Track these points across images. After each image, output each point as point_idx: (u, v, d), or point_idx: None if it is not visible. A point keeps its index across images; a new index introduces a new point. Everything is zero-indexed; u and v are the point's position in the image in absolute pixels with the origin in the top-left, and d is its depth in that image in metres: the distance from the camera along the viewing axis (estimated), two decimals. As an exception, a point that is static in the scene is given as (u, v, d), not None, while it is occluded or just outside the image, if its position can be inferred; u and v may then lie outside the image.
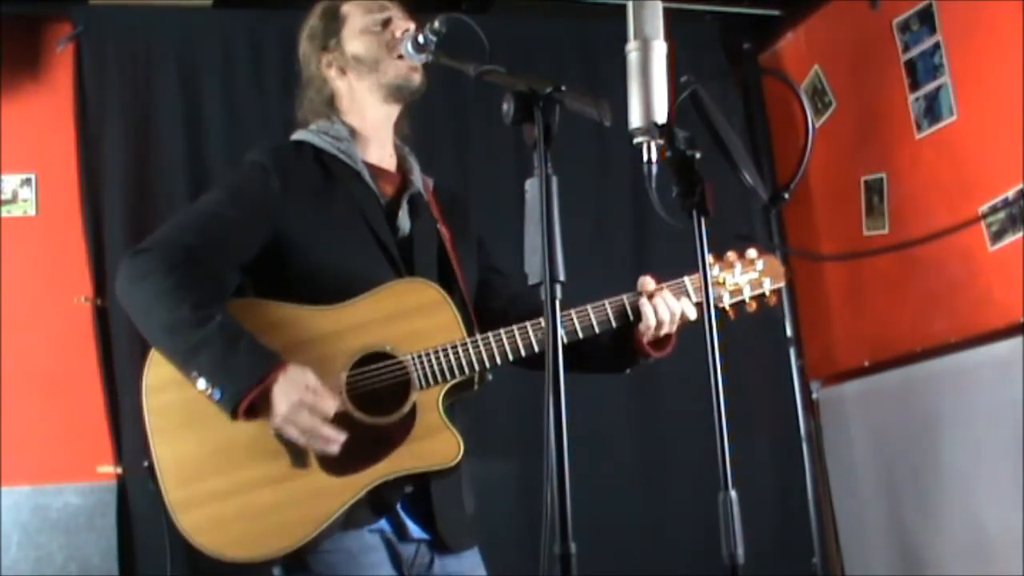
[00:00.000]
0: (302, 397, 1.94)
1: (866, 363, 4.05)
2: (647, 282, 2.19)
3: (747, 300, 2.25)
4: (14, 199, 3.70)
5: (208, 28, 3.85)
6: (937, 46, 3.72)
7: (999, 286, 3.49)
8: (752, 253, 2.26)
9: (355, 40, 2.25)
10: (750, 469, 3.82)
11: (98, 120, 3.65)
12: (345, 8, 2.29)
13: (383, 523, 2.09)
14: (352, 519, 2.04)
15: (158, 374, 2.04)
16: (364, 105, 2.27)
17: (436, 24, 2.06)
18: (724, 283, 2.23)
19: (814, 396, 4.26)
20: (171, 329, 1.98)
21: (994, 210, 3.49)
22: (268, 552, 1.99)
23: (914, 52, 3.81)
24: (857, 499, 4.06)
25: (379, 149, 2.29)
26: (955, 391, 3.63)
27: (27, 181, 3.72)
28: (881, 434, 3.96)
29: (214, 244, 2.08)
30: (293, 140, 2.28)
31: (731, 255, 2.25)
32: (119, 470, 3.47)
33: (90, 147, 3.64)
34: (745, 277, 2.24)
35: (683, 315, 2.18)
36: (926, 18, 3.76)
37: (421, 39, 2.09)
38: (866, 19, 4.00)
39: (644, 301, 2.16)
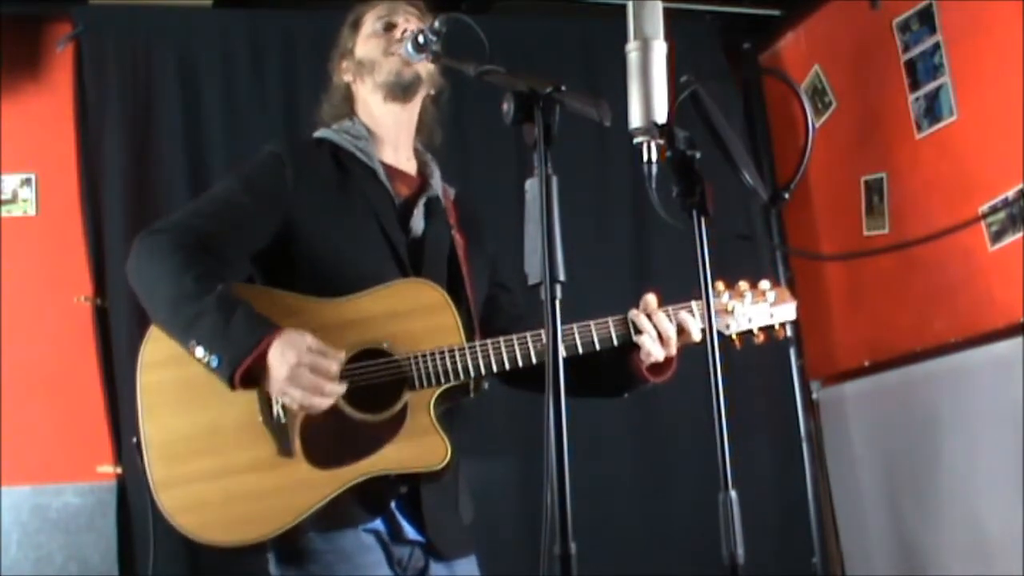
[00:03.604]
0: (300, 358, 1.94)
1: (866, 363, 4.05)
2: (650, 300, 2.17)
3: (755, 331, 2.22)
4: (14, 199, 3.70)
5: (208, 28, 3.84)
6: (937, 46, 3.72)
7: (999, 286, 3.49)
8: (765, 284, 2.23)
9: (361, 45, 2.30)
10: (750, 469, 3.83)
11: (98, 120, 3.64)
12: (364, 16, 2.34)
13: (378, 523, 2.09)
14: (347, 517, 2.04)
15: (155, 350, 2.06)
16: (370, 106, 2.30)
17: (436, 24, 2.07)
18: (733, 312, 2.20)
19: (814, 396, 4.25)
20: (174, 301, 2.00)
21: (994, 210, 3.49)
22: (244, 538, 2.00)
23: (914, 52, 3.81)
24: (857, 499, 4.06)
25: (394, 151, 2.30)
26: (955, 391, 3.63)
27: (27, 181, 3.72)
28: (881, 434, 3.96)
29: (225, 229, 2.10)
30: (314, 137, 2.31)
31: (742, 284, 2.22)
32: (119, 470, 3.47)
33: (90, 147, 3.64)
34: (755, 308, 2.22)
35: (687, 333, 2.15)
36: (926, 18, 3.76)
37: (421, 39, 2.10)
38: (866, 19, 4.00)
39: (652, 313, 2.14)
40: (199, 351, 1.95)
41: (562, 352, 1.79)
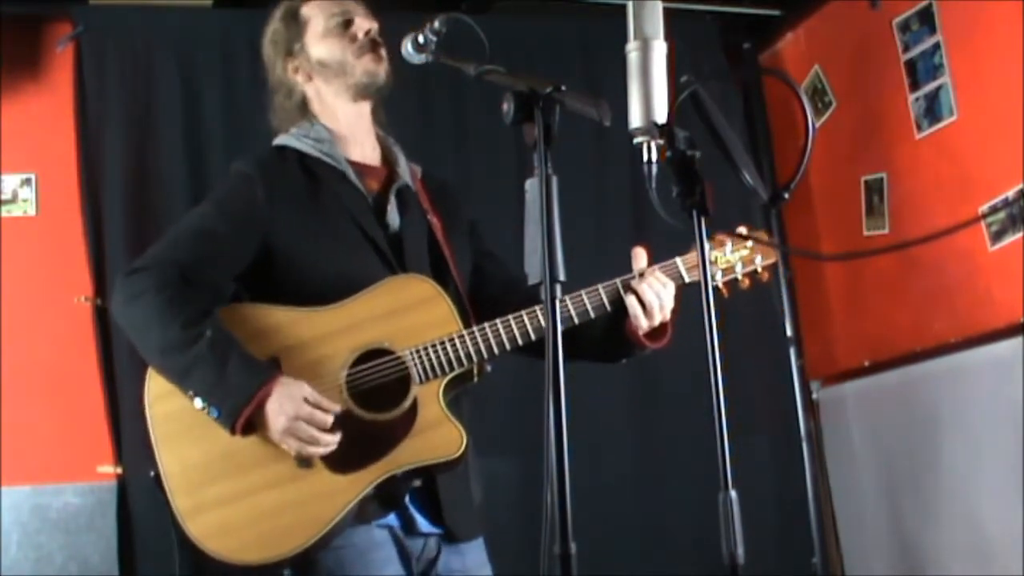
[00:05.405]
0: (298, 411, 1.99)
1: (866, 363, 4.05)
2: (639, 255, 2.20)
3: (739, 277, 2.25)
4: (14, 199, 3.70)
5: (208, 28, 3.84)
6: (937, 46, 3.72)
7: (999, 286, 3.49)
8: (742, 231, 2.24)
9: (318, 44, 2.27)
10: (750, 469, 3.83)
11: (98, 120, 3.64)
12: (305, 11, 2.30)
13: (392, 518, 2.11)
14: (361, 514, 2.06)
15: (160, 383, 2.09)
16: (335, 107, 2.29)
17: (436, 24, 2.06)
18: (716, 261, 2.23)
19: (814, 396, 4.25)
20: (164, 350, 2.04)
21: (994, 210, 3.49)
22: (278, 554, 2.02)
23: (914, 52, 3.81)
24: (857, 499, 4.06)
25: (360, 146, 2.30)
26: (955, 391, 3.63)
27: (27, 181, 3.72)
28: (881, 434, 3.96)
29: (205, 259, 2.12)
30: (275, 146, 2.30)
31: (720, 234, 2.24)
32: (119, 470, 3.47)
33: (90, 147, 3.64)
34: (736, 254, 2.25)
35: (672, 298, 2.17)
36: (926, 18, 3.76)
37: (421, 39, 2.09)
38: (866, 19, 4.00)
39: (637, 284, 2.15)
40: (198, 402, 2.01)
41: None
